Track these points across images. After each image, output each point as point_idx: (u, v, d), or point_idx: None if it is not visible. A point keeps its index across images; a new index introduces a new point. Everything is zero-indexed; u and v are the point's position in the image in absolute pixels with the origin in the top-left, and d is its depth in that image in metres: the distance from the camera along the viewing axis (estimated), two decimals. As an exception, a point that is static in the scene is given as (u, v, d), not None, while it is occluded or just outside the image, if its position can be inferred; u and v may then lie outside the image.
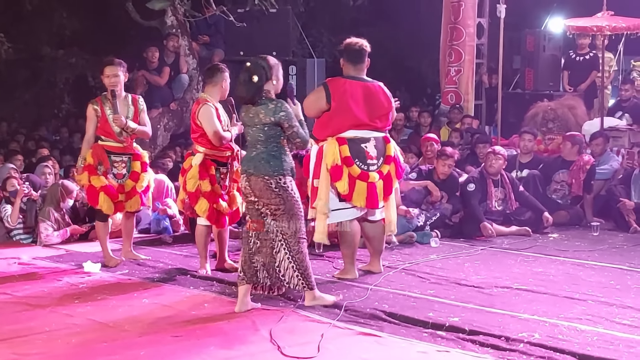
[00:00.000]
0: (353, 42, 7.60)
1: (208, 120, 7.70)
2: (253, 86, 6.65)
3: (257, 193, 6.60)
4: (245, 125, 6.77)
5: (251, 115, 6.66)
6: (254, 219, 6.67)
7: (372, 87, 7.56)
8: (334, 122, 7.44)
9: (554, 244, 9.39)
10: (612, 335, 5.97)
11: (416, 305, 6.77)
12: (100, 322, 6.42)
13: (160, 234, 9.75)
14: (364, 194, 7.43)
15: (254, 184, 6.59)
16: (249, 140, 6.75)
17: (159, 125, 12.95)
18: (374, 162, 7.47)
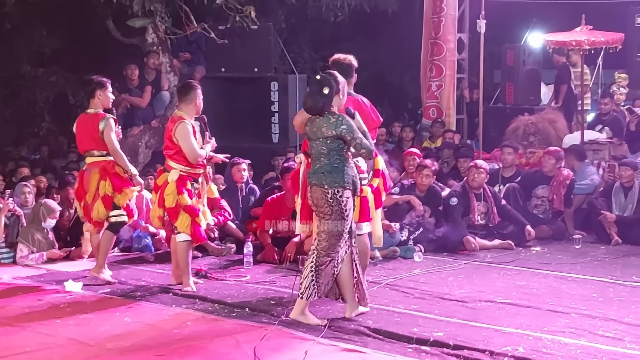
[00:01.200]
0: (342, 57, 7.57)
1: (185, 138, 7.73)
2: (323, 98, 6.77)
3: (315, 202, 6.80)
4: (309, 138, 6.90)
5: (314, 129, 6.81)
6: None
7: (361, 103, 7.55)
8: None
9: (536, 257, 9.40)
10: (595, 347, 5.99)
11: (400, 320, 6.76)
12: (82, 341, 6.37)
13: (141, 252, 9.70)
14: (357, 207, 7.40)
15: (314, 194, 6.80)
16: (312, 153, 6.89)
17: (141, 143, 12.91)
18: (364, 176, 7.43)
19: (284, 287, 7.98)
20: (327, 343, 6.21)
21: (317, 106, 6.77)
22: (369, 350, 6.03)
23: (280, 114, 12.71)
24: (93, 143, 8.35)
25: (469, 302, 7.34)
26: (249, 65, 12.97)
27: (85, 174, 8.45)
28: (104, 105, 8.44)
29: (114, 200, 8.33)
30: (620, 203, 10.40)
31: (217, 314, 7.12)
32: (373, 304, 7.22)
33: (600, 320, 6.70)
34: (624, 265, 8.87)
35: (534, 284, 8.04)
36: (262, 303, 7.40)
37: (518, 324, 6.58)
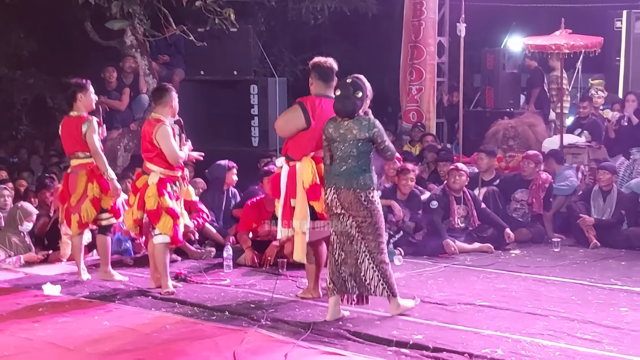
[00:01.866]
0: (322, 60, 7.55)
1: (166, 140, 7.76)
2: (356, 101, 6.90)
3: (345, 206, 6.87)
4: (334, 140, 6.95)
5: (342, 132, 6.90)
6: (338, 231, 6.92)
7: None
8: (312, 141, 7.36)
9: (515, 261, 9.43)
10: (573, 350, 6.01)
11: (380, 323, 6.76)
12: (61, 345, 6.33)
13: (121, 255, 9.66)
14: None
15: (344, 197, 6.87)
16: (338, 155, 6.93)
17: (119, 146, 12.85)
18: None
19: (263, 290, 7.97)
20: (307, 346, 6.20)
21: (351, 109, 6.89)
22: (348, 353, 6.03)
23: (260, 117, 12.68)
24: (77, 145, 8.35)
25: (448, 304, 7.35)
26: (229, 68, 12.92)
27: (71, 177, 8.44)
28: (87, 107, 8.43)
29: (101, 203, 8.34)
30: (599, 207, 10.45)
31: (197, 318, 7.10)
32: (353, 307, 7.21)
33: (578, 322, 6.73)
34: (602, 268, 8.92)
35: (513, 287, 8.06)
36: (241, 306, 7.38)
37: (497, 327, 6.59)
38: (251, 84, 12.85)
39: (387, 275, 6.91)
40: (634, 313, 7.03)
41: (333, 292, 6.91)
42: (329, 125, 7.00)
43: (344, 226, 6.90)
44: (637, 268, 8.93)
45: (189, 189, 8.35)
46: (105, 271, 8.51)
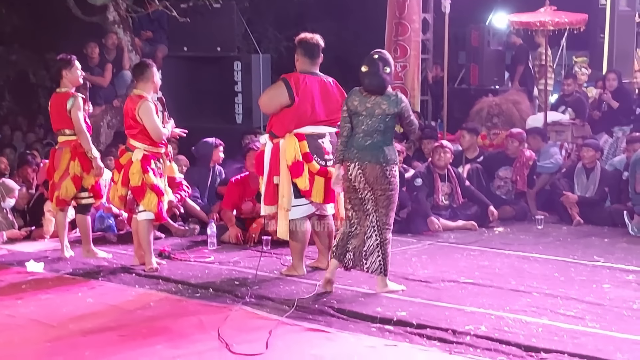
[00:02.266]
0: (309, 36, 7.55)
1: (149, 117, 7.74)
2: (386, 77, 6.97)
3: (370, 180, 6.90)
4: (358, 114, 6.96)
5: (369, 106, 6.94)
6: (356, 206, 6.96)
7: (327, 83, 7.56)
8: (296, 118, 7.37)
9: (499, 238, 9.46)
10: (556, 326, 6.03)
11: (364, 300, 6.77)
12: (44, 322, 6.32)
13: (104, 232, 9.63)
14: (323, 189, 7.42)
15: (370, 171, 6.90)
16: (362, 129, 6.95)
17: (102, 123, 12.80)
18: (330, 157, 7.44)
19: (247, 267, 7.97)
20: (292, 323, 6.21)
21: (383, 85, 6.95)
22: (333, 330, 6.04)
23: (244, 94, 12.63)
24: (64, 122, 8.31)
25: (432, 282, 7.37)
26: (212, 45, 12.85)
27: (57, 153, 8.42)
28: (73, 83, 8.38)
29: (82, 182, 8.30)
30: (582, 184, 10.48)
31: (181, 295, 7.09)
32: (337, 285, 7.21)
33: (561, 299, 6.75)
34: (585, 245, 8.95)
35: (496, 264, 8.08)
36: (225, 284, 7.38)
37: (480, 304, 6.61)
38: (235, 61, 12.79)
39: (387, 253, 6.99)
40: (616, 290, 7.07)
41: (334, 257, 7.07)
42: (353, 99, 7.02)
43: (363, 203, 6.96)
44: (619, 245, 8.98)
45: (172, 166, 8.32)
46: (87, 250, 8.49)
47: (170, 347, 5.70)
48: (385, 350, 5.64)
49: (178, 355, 5.53)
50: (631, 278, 7.48)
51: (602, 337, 5.78)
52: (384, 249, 6.96)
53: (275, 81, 7.78)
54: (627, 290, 7.04)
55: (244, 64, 12.68)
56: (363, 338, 5.88)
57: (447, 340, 5.77)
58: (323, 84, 7.53)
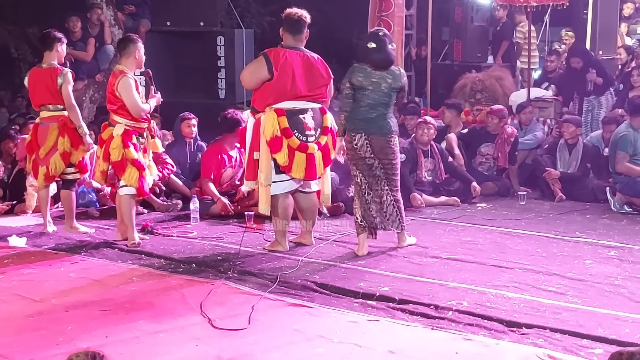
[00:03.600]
0: (292, 12, 7.52)
1: (128, 92, 7.70)
2: (392, 52, 7.46)
3: (376, 150, 7.43)
4: (364, 89, 7.40)
5: (375, 80, 7.39)
6: (366, 173, 7.46)
7: (311, 59, 7.52)
8: (275, 92, 7.35)
9: (482, 214, 9.48)
10: (538, 302, 6.07)
11: (347, 275, 6.79)
12: (27, 297, 6.31)
13: (86, 208, 9.59)
14: (303, 165, 7.41)
15: (376, 142, 7.42)
16: (367, 102, 7.41)
17: (85, 97, 12.74)
18: (312, 133, 7.43)
19: (230, 243, 7.97)
20: (274, 298, 6.22)
21: (390, 60, 7.44)
22: (315, 305, 6.06)
23: (227, 70, 12.56)
24: (50, 97, 8.26)
25: (415, 257, 7.39)
26: (195, 19, 12.76)
27: (41, 128, 8.36)
28: (59, 60, 8.34)
29: (71, 157, 8.28)
30: (564, 160, 10.51)
31: (163, 270, 7.10)
32: (320, 260, 7.25)
33: (543, 275, 6.80)
34: (567, 221, 8.99)
35: (479, 240, 8.11)
36: (208, 259, 7.39)
37: (463, 279, 6.65)
38: (218, 36, 12.71)
39: (401, 210, 7.61)
40: (598, 265, 7.11)
41: (364, 229, 7.49)
42: (358, 74, 7.41)
43: (372, 169, 7.44)
44: (601, 221, 9.02)
45: (156, 141, 8.28)
46: (70, 226, 8.46)
47: (152, 322, 5.71)
48: (367, 326, 5.66)
49: (160, 330, 5.54)
50: (613, 254, 7.53)
51: (583, 313, 5.82)
52: (398, 206, 7.56)
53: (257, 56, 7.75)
54: (608, 266, 7.09)
55: (227, 39, 12.61)
56: (345, 313, 5.90)
57: (429, 315, 5.80)
58: (306, 59, 7.48)
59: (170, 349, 5.21)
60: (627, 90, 11.93)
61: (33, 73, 8.44)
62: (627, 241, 8.01)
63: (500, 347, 5.26)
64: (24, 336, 5.43)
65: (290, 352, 5.17)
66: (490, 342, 5.33)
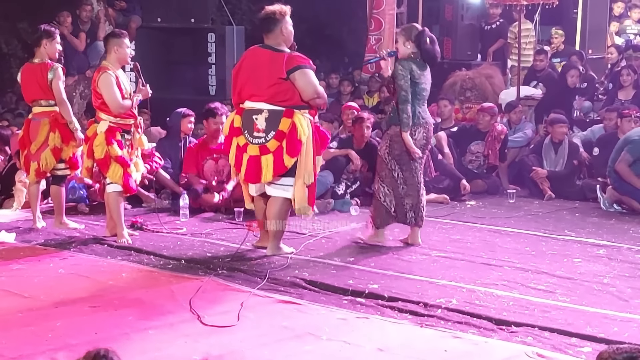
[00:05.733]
0: (264, 10, 7.32)
1: (107, 89, 7.68)
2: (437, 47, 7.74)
3: (429, 141, 7.84)
4: (420, 83, 7.55)
5: (425, 74, 7.63)
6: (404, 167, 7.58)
7: (273, 57, 7.15)
8: (235, 91, 7.37)
9: (471, 212, 9.50)
10: (527, 300, 6.08)
11: (336, 272, 6.79)
12: (15, 292, 6.29)
13: (76, 203, 9.57)
14: (245, 166, 7.20)
15: (430, 134, 7.78)
16: (423, 96, 7.65)
17: (75, 93, 12.71)
18: (260, 135, 7.11)
19: (220, 239, 7.97)
20: (264, 295, 6.22)
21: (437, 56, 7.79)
22: (305, 302, 6.06)
23: (218, 66, 12.57)
24: (41, 93, 8.24)
25: (404, 255, 7.40)
26: (186, 16, 12.77)
27: (33, 123, 8.34)
28: (50, 56, 8.32)
29: (61, 153, 8.26)
30: (551, 159, 10.53)
31: (153, 266, 7.08)
32: (309, 257, 7.25)
33: (532, 273, 6.81)
34: (556, 220, 9.01)
35: (468, 238, 8.13)
36: (198, 255, 7.39)
37: (452, 277, 6.66)
38: (208, 32, 12.73)
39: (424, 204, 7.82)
40: (586, 264, 7.13)
41: (394, 219, 7.72)
42: (417, 68, 7.54)
43: (414, 162, 7.60)
44: (590, 220, 9.05)
45: (142, 138, 8.23)
46: (60, 221, 8.44)
47: (142, 319, 5.70)
48: (356, 323, 5.66)
49: (150, 327, 5.53)
50: (602, 252, 7.55)
51: (572, 311, 5.83)
52: (424, 201, 7.76)
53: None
54: (597, 265, 7.11)
55: (217, 36, 12.61)
56: (334, 310, 5.90)
57: (418, 313, 5.80)
58: (265, 58, 7.17)
59: (160, 346, 5.20)
60: (617, 89, 11.96)
61: (25, 69, 8.42)
62: (616, 240, 8.03)
63: (489, 345, 5.26)
64: (13, 332, 5.41)
65: (279, 349, 5.17)
66: (479, 340, 5.34)
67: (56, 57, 8.44)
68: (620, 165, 9.47)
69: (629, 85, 11.77)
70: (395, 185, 7.60)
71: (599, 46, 14.05)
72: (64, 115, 8.22)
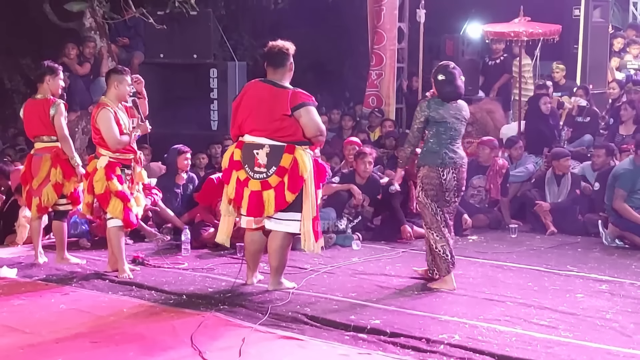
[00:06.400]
0: (273, 45, 7.36)
1: (104, 125, 7.73)
2: (462, 84, 7.51)
3: (461, 182, 7.55)
4: (445, 121, 7.43)
5: (453, 112, 7.46)
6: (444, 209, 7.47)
7: (282, 93, 7.16)
8: (235, 125, 7.34)
9: (473, 246, 9.49)
10: (530, 335, 6.05)
11: (338, 308, 6.77)
12: (17, 328, 6.28)
13: (78, 238, 9.57)
14: (247, 200, 7.16)
15: (462, 174, 7.53)
16: (450, 135, 7.49)
17: (77, 129, 12.75)
18: (261, 170, 7.10)
19: (222, 274, 7.95)
20: (265, 330, 6.20)
21: (461, 92, 7.52)
22: (306, 338, 6.04)
23: (220, 101, 12.65)
24: (43, 128, 8.29)
25: (406, 290, 7.38)
26: (188, 52, 12.88)
27: (35, 159, 8.38)
28: (53, 92, 8.38)
29: (63, 188, 8.28)
30: (554, 192, 10.54)
31: (154, 302, 7.06)
32: (311, 292, 7.23)
33: (535, 308, 6.79)
34: (558, 255, 9.00)
35: (470, 273, 8.11)
36: (199, 290, 7.36)
37: (454, 312, 6.63)
38: (211, 68, 12.83)
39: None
40: (589, 299, 7.11)
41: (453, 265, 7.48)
42: (437, 108, 7.43)
43: (449, 203, 7.51)
44: (592, 255, 9.04)
45: (142, 172, 8.23)
46: (62, 257, 8.44)
47: (143, 354, 5.68)
48: (358, 359, 5.64)
49: (151, 363, 5.52)
50: (604, 288, 7.54)
51: (575, 347, 5.81)
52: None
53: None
54: (600, 300, 7.09)
55: (220, 71, 12.71)
56: (336, 346, 5.87)
57: (420, 349, 5.77)
58: (270, 93, 7.18)
59: (161, 382, 5.18)
60: (617, 124, 12.00)
61: (28, 104, 8.47)
62: (619, 275, 8.02)
63: (492, 381, 5.25)
64: (14, 368, 5.40)
65: (281, 385, 5.15)
66: (482, 376, 5.32)
67: (59, 93, 8.49)
68: (617, 203, 9.46)
69: (629, 120, 11.81)
70: (440, 228, 7.48)
71: (599, 81, 14.12)
72: (66, 151, 8.25)
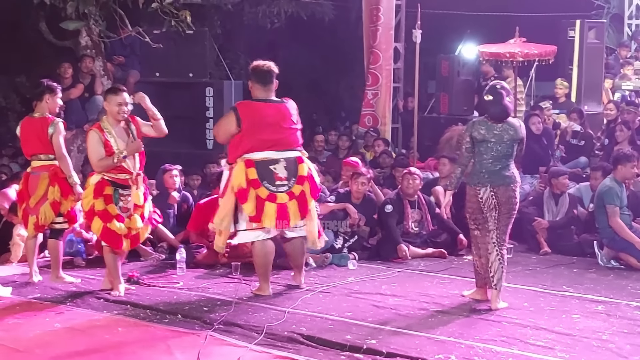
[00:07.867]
0: (261, 64, 7.79)
1: (88, 147, 7.83)
2: (509, 104, 7.54)
3: (502, 201, 7.43)
4: (487, 141, 7.42)
5: (497, 132, 7.43)
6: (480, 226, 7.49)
7: (282, 107, 7.70)
8: (243, 144, 7.56)
9: (468, 266, 9.44)
10: (526, 356, 6.05)
11: (334, 327, 6.76)
12: (11, 347, 6.26)
13: (73, 257, 9.54)
14: (274, 215, 7.55)
15: (502, 194, 7.42)
16: (492, 155, 7.44)
17: (73, 147, 12.73)
18: (283, 183, 7.57)
19: (217, 293, 7.93)
20: (260, 350, 6.18)
21: (508, 113, 7.48)
22: (302, 357, 6.02)
23: (215, 120, 12.57)
24: (41, 147, 8.27)
25: (402, 309, 7.37)
26: (184, 71, 12.91)
27: (32, 177, 8.35)
28: (51, 110, 8.38)
29: (60, 207, 8.26)
30: (552, 211, 10.52)
31: (149, 320, 7.04)
32: (307, 311, 7.21)
33: (531, 329, 6.78)
34: (554, 275, 8.98)
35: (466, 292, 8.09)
36: (194, 309, 7.34)
37: (450, 332, 6.62)
38: (207, 87, 12.84)
39: (504, 268, 7.50)
40: (585, 320, 7.10)
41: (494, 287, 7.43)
42: (480, 128, 7.46)
43: (486, 220, 7.46)
44: (588, 275, 9.02)
45: (138, 193, 8.17)
46: (57, 276, 8.41)
47: (138, 374, 5.66)
48: (354, 379, 5.64)
49: (146, 382, 5.49)
50: (600, 308, 7.52)
51: (571, 367, 5.81)
52: (503, 264, 7.43)
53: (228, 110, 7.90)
54: (596, 321, 7.08)
55: (215, 90, 12.72)
56: (332, 366, 5.87)
57: (417, 369, 5.77)
58: (277, 109, 7.68)
59: (156, 401, 5.16)
60: (613, 145, 12.02)
61: (25, 122, 8.45)
62: (614, 296, 8.00)
63: (488, 402, 5.23)
64: (8, 387, 5.38)
65: (277, 405, 5.13)
66: (478, 396, 5.31)
67: (57, 111, 8.49)
68: (613, 220, 9.45)
69: (624, 141, 11.83)
70: (477, 245, 7.63)
71: (594, 102, 14.17)
72: (64, 170, 8.24)
